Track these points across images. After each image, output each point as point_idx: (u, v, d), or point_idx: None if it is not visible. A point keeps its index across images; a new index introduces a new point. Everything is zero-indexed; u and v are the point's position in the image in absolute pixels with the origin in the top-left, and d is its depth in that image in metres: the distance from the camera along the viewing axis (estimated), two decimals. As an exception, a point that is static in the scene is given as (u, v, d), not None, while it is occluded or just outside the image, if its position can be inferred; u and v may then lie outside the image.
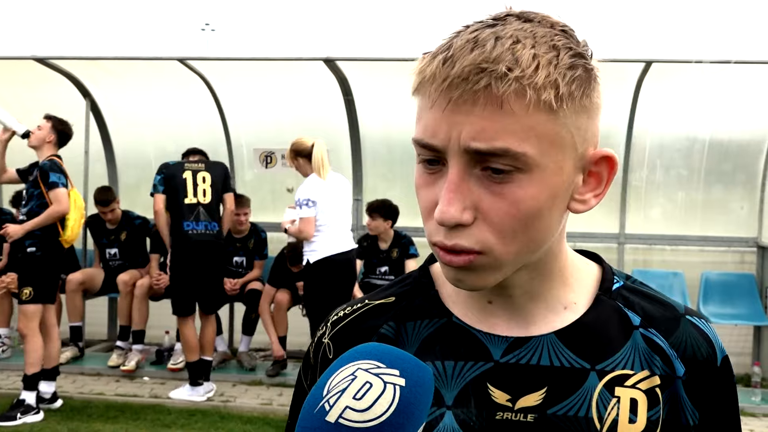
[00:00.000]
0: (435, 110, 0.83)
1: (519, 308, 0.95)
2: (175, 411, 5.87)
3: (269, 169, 7.57)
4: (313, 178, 5.59)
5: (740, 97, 6.99)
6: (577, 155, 0.86)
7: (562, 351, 0.93)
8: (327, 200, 5.57)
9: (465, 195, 0.82)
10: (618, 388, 0.91)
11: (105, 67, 7.29)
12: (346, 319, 1.03)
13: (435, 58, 0.83)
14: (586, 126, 0.86)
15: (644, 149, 7.35)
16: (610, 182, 0.91)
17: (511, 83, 0.79)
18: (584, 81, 0.84)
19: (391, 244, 6.73)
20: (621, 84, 6.73)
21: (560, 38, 0.83)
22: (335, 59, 6.74)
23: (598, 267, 1.03)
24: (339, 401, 0.73)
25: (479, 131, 0.80)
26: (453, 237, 0.84)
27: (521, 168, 0.81)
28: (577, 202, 0.89)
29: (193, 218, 6.02)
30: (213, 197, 6.13)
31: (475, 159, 0.82)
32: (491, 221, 0.83)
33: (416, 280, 1.03)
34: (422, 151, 0.86)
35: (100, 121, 7.76)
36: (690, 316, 0.98)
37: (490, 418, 0.90)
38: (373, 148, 7.62)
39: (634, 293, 1.00)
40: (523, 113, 0.80)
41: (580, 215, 0.93)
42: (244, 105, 7.72)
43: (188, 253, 6.01)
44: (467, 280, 0.87)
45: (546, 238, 0.88)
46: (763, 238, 7.18)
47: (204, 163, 6.29)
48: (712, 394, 0.95)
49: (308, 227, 5.53)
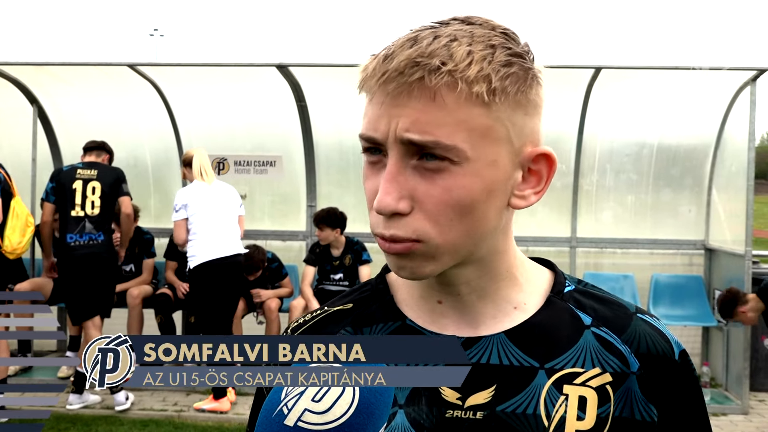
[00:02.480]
0: (375, 104, 0.86)
1: (468, 308, 0.96)
2: (128, 422, 5.78)
3: (222, 175, 7.50)
4: (191, 185, 5.88)
5: (687, 103, 7.12)
6: (513, 150, 0.88)
7: (511, 350, 0.94)
8: (203, 206, 5.78)
9: (401, 185, 0.85)
10: (566, 386, 0.92)
11: (53, 73, 7.15)
12: (305, 325, 1.05)
13: (377, 57, 0.86)
14: (522, 122, 0.88)
15: (594, 154, 7.45)
16: (549, 180, 0.93)
17: (444, 76, 0.82)
18: (520, 78, 0.86)
19: (343, 251, 6.72)
20: (571, 90, 6.82)
21: (498, 39, 0.86)
22: (288, 65, 6.71)
23: (550, 272, 1.04)
24: (297, 404, 0.73)
25: (413, 122, 0.83)
26: (390, 227, 0.86)
27: (453, 160, 0.84)
28: (517, 198, 0.92)
29: (77, 231, 5.88)
30: (103, 208, 5.96)
31: (412, 150, 0.84)
32: (426, 209, 0.86)
33: (373, 287, 1.05)
34: (366, 144, 0.89)
35: (47, 128, 7.61)
36: (641, 314, 1.00)
37: (440, 416, 0.91)
38: (327, 154, 7.60)
39: (585, 296, 1.01)
40: (454, 106, 0.83)
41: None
42: (196, 111, 7.64)
43: (69, 266, 5.92)
44: (407, 267, 0.89)
45: (485, 231, 0.90)
46: (711, 240, 7.32)
47: (97, 170, 6.04)
48: (672, 389, 0.96)
49: (176, 231, 5.89)
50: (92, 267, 5.92)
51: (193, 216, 5.78)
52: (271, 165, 7.50)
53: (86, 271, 5.90)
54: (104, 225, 5.98)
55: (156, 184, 7.83)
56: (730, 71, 6.36)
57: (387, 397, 0.76)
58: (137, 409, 6.04)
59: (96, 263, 5.94)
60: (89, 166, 6.06)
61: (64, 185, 5.92)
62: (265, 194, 7.89)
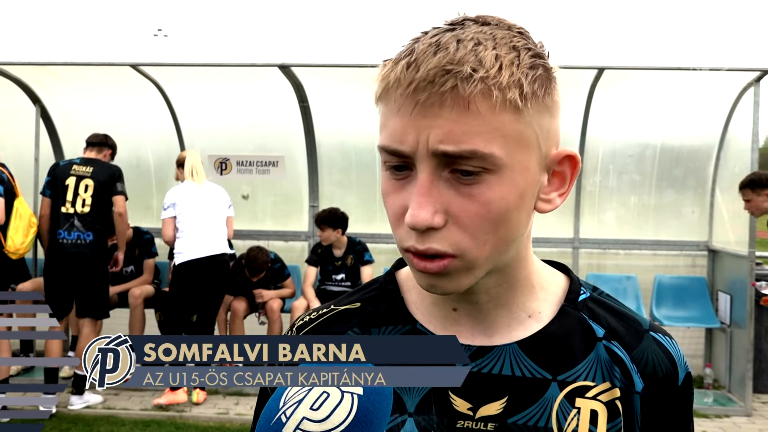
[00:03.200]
0: (401, 115, 0.82)
1: (483, 316, 0.95)
2: (129, 422, 5.78)
3: (224, 175, 7.50)
4: (181, 185, 6.04)
5: (690, 104, 7.11)
6: (541, 154, 0.86)
7: (524, 361, 0.92)
8: (190, 205, 5.92)
9: (435, 198, 0.82)
10: (579, 399, 0.91)
11: (55, 73, 7.15)
12: (311, 323, 1.03)
13: (398, 64, 0.82)
14: (548, 125, 0.86)
15: (597, 155, 7.44)
16: (573, 181, 0.91)
17: (477, 84, 0.79)
18: (545, 80, 0.85)
19: (345, 251, 6.72)
20: (574, 90, 6.81)
21: (518, 39, 0.84)
22: (290, 65, 6.70)
23: (566, 277, 1.03)
24: (296, 412, 0.73)
25: (447, 133, 0.80)
26: (426, 241, 0.83)
27: (489, 169, 0.81)
28: (543, 201, 0.90)
29: (66, 228, 5.85)
30: (94, 206, 5.90)
31: (444, 162, 0.81)
32: (462, 223, 0.83)
33: (382, 286, 1.03)
34: (389, 158, 0.85)
35: (50, 128, 7.61)
36: (654, 333, 0.98)
37: (451, 426, 0.90)
38: (329, 154, 7.59)
39: (600, 305, 0.99)
40: (489, 114, 0.80)
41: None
42: (199, 111, 7.64)
43: (57, 261, 5.90)
44: (441, 285, 0.87)
45: (515, 238, 0.88)
46: (714, 241, 7.30)
47: (93, 167, 5.98)
48: (668, 412, 0.95)
49: (164, 228, 6.07)
50: (77, 267, 5.89)
51: (181, 215, 5.95)
52: (274, 165, 7.50)
53: (71, 270, 5.87)
54: (95, 224, 5.92)
55: (158, 185, 7.82)
56: (735, 72, 6.35)
57: (385, 406, 0.76)
58: (139, 410, 6.04)
59: (81, 264, 5.90)
60: (86, 162, 6.02)
61: (57, 180, 5.92)
62: (268, 194, 7.89)
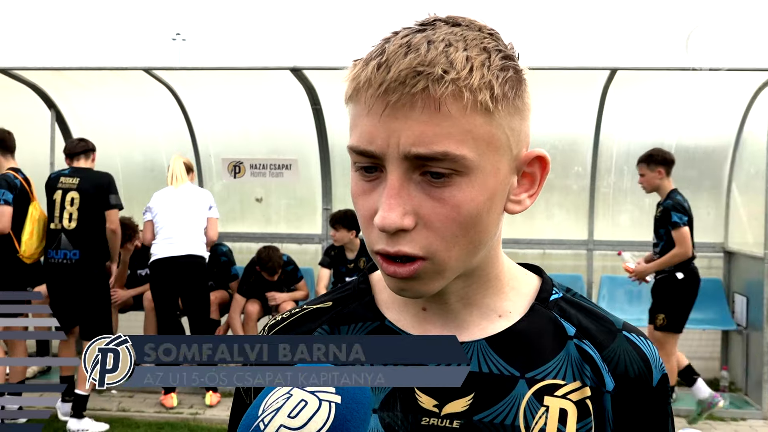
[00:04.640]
0: (372, 116, 0.82)
1: (453, 315, 0.94)
2: (143, 424, 5.80)
3: (238, 178, 7.52)
4: (162, 189, 6.23)
5: (705, 104, 7.07)
6: (512, 156, 0.86)
7: (491, 357, 0.91)
8: (164, 208, 6.10)
9: (405, 200, 0.82)
10: (547, 398, 0.90)
11: (70, 78, 7.20)
12: (282, 323, 1.04)
13: (369, 64, 0.82)
14: (519, 127, 0.86)
15: (611, 156, 7.41)
16: (543, 182, 0.91)
17: (448, 85, 0.79)
18: (515, 82, 0.85)
19: (358, 254, 6.71)
20: (587, 91, 6.79)
21: (489, 41, 0.84)
22: (302, 68, 6.72)
23: (538, 278, 1.02)
24: (274, 420, 0.73)
25: (418, 136, 0.80)
26: (395, 243, 0.83)
27: (460, 171, 0.81)
28: (513, 203, 0.90)
29: (54, 247, 5.55)
30: (81, 221, 5.55)
31: (415, 164, 0.81)
32: (433, 226, 0.83)
33: (355, 286, 1.04)
34: (359, 159, 0.85)
35: (65, 133, 7.66)
36: (628, 333, 0.97)
37: (415, 423, 0.89)
38: (342, 157, 7.59)
39: (572, 305, 0.99)
40: (460, 115, 0.80)
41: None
42: (212, 115, 7.67)
43: (51, 283, 5.67)
44: (411, 289, 0.87)
45: (485, 240, 0.88)
46: (730, 243, 7.26)
47: (79, 178, 5.62)
48: (643, 414, 0.93)
49: (143, 232, 6.32)
50: (69, 289, 5.60)
51: (156, 217, 6.11)
52: (287, 168, 7.51)
53: (59, 291, 5.63)
54: (82, 241, 5.56)
55: (172, 188, 7.84)
56: (749, 72, 6.32)
57: (363, 414, 0.76)
58: (153, 412, 6.07)
59: (68, 285, 5.59)
60: (74, 173, 5.69)
61: (46, 194, 5.67)
62: (281, 197, 7.91)
